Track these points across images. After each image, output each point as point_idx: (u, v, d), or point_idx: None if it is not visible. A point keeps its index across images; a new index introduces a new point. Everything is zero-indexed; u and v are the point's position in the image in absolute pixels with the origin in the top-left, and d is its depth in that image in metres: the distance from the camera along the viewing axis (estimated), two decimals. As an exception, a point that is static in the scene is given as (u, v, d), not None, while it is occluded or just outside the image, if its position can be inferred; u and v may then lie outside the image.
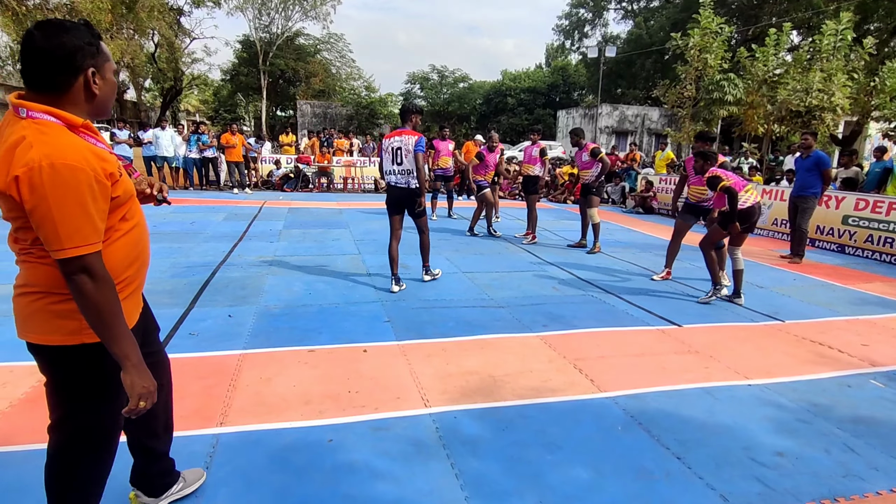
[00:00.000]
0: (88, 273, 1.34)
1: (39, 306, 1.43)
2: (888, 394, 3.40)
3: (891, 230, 7.79)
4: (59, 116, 1.34)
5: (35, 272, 1.42)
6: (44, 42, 1.31)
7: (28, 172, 1.24)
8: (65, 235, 1.29)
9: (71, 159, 1.28)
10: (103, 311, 1.37)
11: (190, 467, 2.34)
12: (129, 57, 23.80)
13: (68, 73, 1.35)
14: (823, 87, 13.33)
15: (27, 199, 1.26)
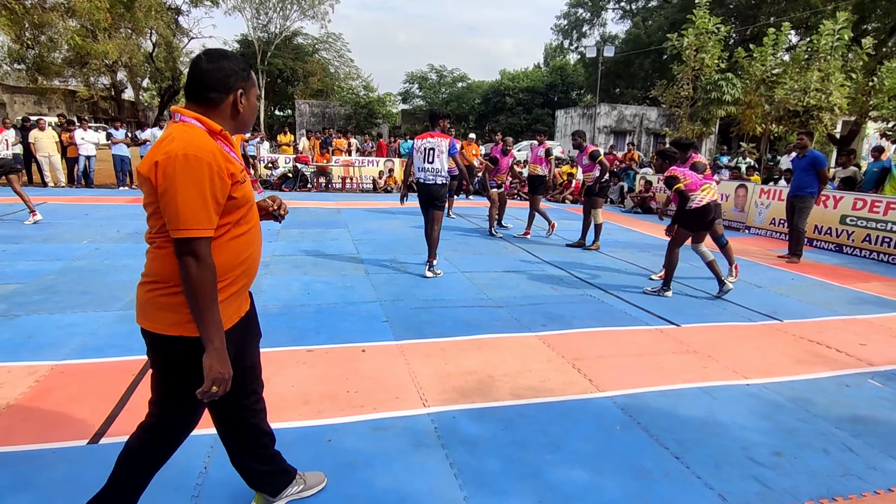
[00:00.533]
0: (194, 255, 1.49)
1: (151, 296, 1.59)
2: (886, 393, 3.40)
3: (888, 230, 7.81)
4: (203, 122, 1.58)
5: (154, 263, 1.59)
6: (207, 64, 1.59)
7: (165, 160, 1.45)
8: (183, 217, 1.46)
9: (201, 152, 1.48)
10: (199, 292, 1.51)
11: (188, 466, 2.34)
12: (127, 56, 23.77)
13: (221, 91, 1.61)
14: (821, 87, 13.36)
15: (160, 182, 1.46)
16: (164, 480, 2.25)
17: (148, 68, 29.58)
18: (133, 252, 6.29)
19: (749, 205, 10.41)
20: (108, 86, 28.79)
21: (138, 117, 32.36)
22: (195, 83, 1.60)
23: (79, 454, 2.41)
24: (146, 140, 12.96)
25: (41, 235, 7.00)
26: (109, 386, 3.04)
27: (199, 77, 1.60)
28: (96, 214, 8.93)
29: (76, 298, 4.55)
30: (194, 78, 1.60)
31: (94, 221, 8.25)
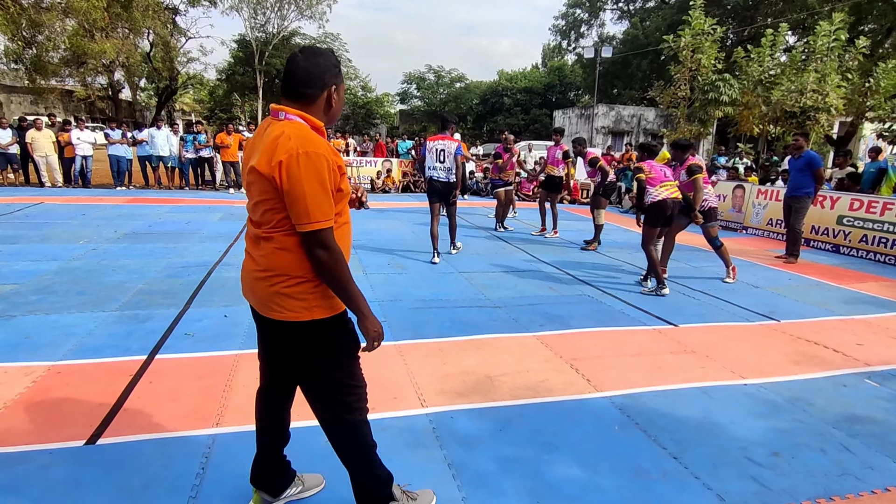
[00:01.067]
0: (324, 245, 1.61)
1: (277, 289, 1.68)
2: (883, 393, 3.41)
3: (885, 230, 7.83)
4: (306, 119, 1.67)
5: (274, 257, 1.67)
6: (304, 62, 1.66)
7: (288, 158, 1.54)
8: (311, 211, 1.57)
9: (318, 148, 1.59)
10: (338, 276, 1.65)
11: (185, 467, 2.33)
12: (125, 56, 23.73)
13: (317, 87, 1.68)
14: (818, 88, 13.39)
15: (285, 180, 1.55)
16: (161, 481, 2.25)
17: (145, 68, 29.54)
18: (130, 252, 6.28)
19: (746, 205, 10.43)
20: (106, 86, 28.72)
21: (135, 117, 32.29)
22: (293, 81, 1.67)
23: (76, 455, 2.40)
24: (143, 140, 12.91)
25: (38, 235, 6.98)
26: (106, 386, 3.03)
27: (296, 74, 1.67)
28: (93, 214, 8.90)
29: (73, 299, 4.54)
30: (292, 76, 1.67)
31: (91, 222, 8.23)
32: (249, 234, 1.76)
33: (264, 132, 1.67)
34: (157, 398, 2.94)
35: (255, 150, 1.67)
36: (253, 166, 1.61)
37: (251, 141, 1.76)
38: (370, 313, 1.75)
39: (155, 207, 10.14)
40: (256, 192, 1.65)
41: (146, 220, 8.57)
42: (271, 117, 1.70)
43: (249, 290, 1.78)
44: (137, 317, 4.19)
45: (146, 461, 2.38)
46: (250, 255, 1.76)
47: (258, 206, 1.67)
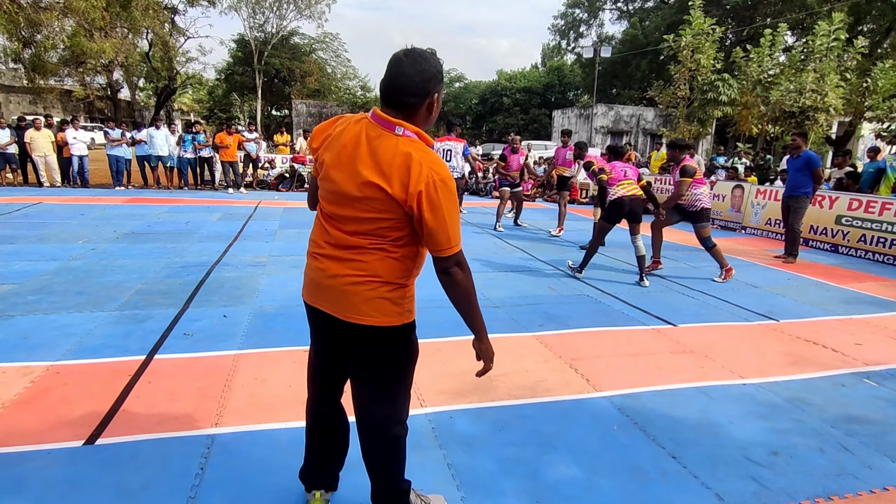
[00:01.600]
0: (460, 265, 1.64)
1: (380, 293, 1.67)
2: (882, 393, 3.42)
3: (883, 230, 7.84)
4: (421, 136, 1.63)
5: (382, 265, 1.65)
6: (410, 69, 1.58)
7: (427, 188, 1.52)
8: (452, 236, 1.59)
9: (447, 173, 1.59)
10: (470, 294, 1.70)
11: (184, 468, 2.33)
12: (123, 56, 23.71)
13: (421, 95, 1.61)
14: (816, 88, 13.40)
15: (426, 210, 1.54)
16: (159, 482, 2.25)
17: (144, 68, 29.53)
18: (129, 252, 6.27)
19: (745, 205, 10.44)
20: (104, 85, 28.69)
21: (134, 117, 32.24)
22: (397, 88, 1.60)
23: (75, 455, 2.40)
24: (142, 140, 12.89)
25: (36, 235, 6.97)
26: (105, 387, 3.03)
27: (400, 82, 1.59)
28: (92, 214, 8.90)
29: (72, 299, 4.53)
30: (396, 83, 1.60)
31: (90, 221, 8.22)
32: (338, 239, 1.68)
33: (372, 141, 1.59)
34: (155, 398, 2.94)
35: (356, 155, 1.59)
36: (381, 186, 1.54)
37: (344, 140, 1.64)
38: (487, 335, 1.81)
39: (154, 207, 10.13)
40: (374, 209, 1.59)
41: (145, 220, 8.56)
42: (379, 125, 1.60)
43: (336, 295, 1.70)
44: (136, 317, 4.19)
45: (145, 461, 2.37)
46: (340, 260, 1.68)
47: (371, 223, 1.61)
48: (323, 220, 1.74)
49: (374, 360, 1.77)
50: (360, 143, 1.60)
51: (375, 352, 1.76)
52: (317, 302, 1.76)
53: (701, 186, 6.12)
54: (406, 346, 1.80)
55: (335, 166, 1.64)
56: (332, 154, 1.66)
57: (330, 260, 1.70)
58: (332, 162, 1.66)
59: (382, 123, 1.60)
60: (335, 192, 1.65)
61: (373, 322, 1.68)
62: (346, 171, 1.62)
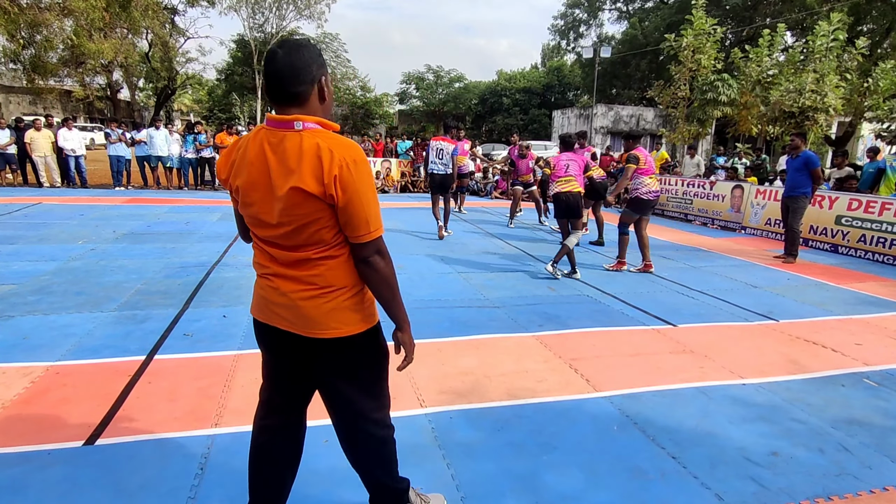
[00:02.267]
0: (381, 252, 1.57)
1: (338, 302, 1.60)
2: (882, 393, 3.42)
3: (883, 230, 7.84)
4: (324, 125, 1.54)
5: (333, 273, 1.59)
6: (287, 57, 1.50)
7: (341, 171, 1.45)
8: (371, 220, 1.52)
9: (360, 153, 1.51)
10: (392, 282, 1.62)
11: (184, 468, 2.33)
12: (123, 56, 23.70)
13: (308, 82, 1.52)
14: (816, 88, 13.40)
15: (341, 195, 1.46)
16: (159, 482, 2.25)
17: (143, 68, 29.53)
18: (129, 252, 6.27)
19: (745, 205, 10.44)
20: (104, 86, 28.69)
21: (134, 117, 32.25)
22: (282, 81, 1.50)
23: (74, 455, 2.40)
24: (142, 140, 12.89)
25: (36, 236, 6.97)
26: (105, 387, 3.03)
27: (283, 73, 1.50)
28: (91, 215, 8.90)
29: (71, 299, 4.53)
30: (279, 75, 1.50)
31: (90, 222, 8.22)
32: (283, 259, 1.59)
33: (276, 147, 1.50)
34: (155, 399, 2.94)
35: (267, 170, 1.50)
36: (298, 188, 1.45)
37: (249, 160, 1.54)
38: (409, 326, 1.74)
39: (154, 208, 10.13)
40: (301, 216, 1.49)
41: (145, 221, 8.56)
42: (276, 129, 1.51)
43: (293, 312, 1.60)
44: (136, 317, 4.19)
45: (144, 462, 2.37)
46: (290, 278, 1.60)
47: (304, 230, 1.52)
48: (262, 245, 1.64)
49: (347, 370, 1.71)
50: (264, 155, 1.51)
51: (346, 362, 1.70)
52: (271, 319, 1.65)
53: (643, 176, 6.32)
54: (375, 349, 1.75)
55: (251, 189, 1.55)
56: (243, 177, 1.56)
57: (280, 278, 1.61)
58: (246, 186, 1.56)
59: (279, 126, 1.51)
60: (259, 214, 1.55)
61: (337, 334, 1.62)
62: (262, 190, 1.52)
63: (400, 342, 1.74)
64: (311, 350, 1.65)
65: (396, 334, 1.73)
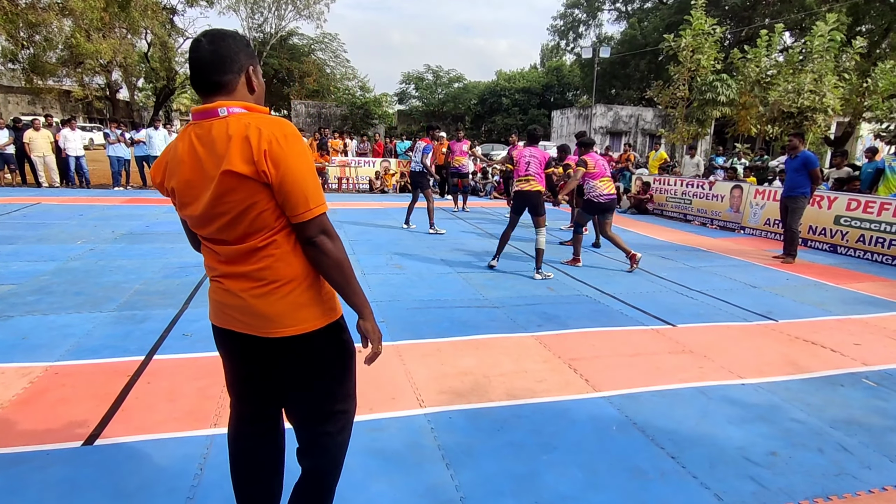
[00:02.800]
0: (326, 232, 1.46)
1: (293, 297, 1.50)
2: (881, 393, 3.42)
3: (882, 230, 7.85)
4: (250, 108, 1.46)
5: (283, 264, 1.49)
6: (212, 46, 1.44)
7: (271, 145, 1.36)
8: (310, 196, 1.41)
9: (293, 131, 1.42)
10: (343, 265, 1.49)
11: (183, 468, 2.33)
12: (122, 56, 23.67)
13: (234, 71, 1.47)
14: (814, 89, 13.42)
15: (273, 172, 1.37)
16: (158, 483, 2.25)
17: (143, 68, 29.48)
18: (128, 252, 6.26)
19: (744, 205, 10.45)
20: (103, 86, 28.67)
21: (133, 117, 32.21)
22: (206, 69, 1.44)
23: (73, 456, 2.40)
24: (141, 141, 12.88)
25: (35, 236, 6.96)
26: (104, 387, 3.03)
27: (207, 61, 1.44)
28: (90, 215, 8.89)
29: (70, 299, 4.53)
30: (203, 63, 1.44)
31: (89, 222, 8.21)
32: (229, 255, 1.50)
33: (204, 139, 1.42)
34: (154, 399, 2.93)
35: (200, 164, 1.42)
36: (228, 171, 1.36)
37: (180, 158, 1.46)
38: (371, 313, 1.61)
39: (153, 208, 10.12)
40: (238, 201, 1.40)
41: (144, 221, 8.55)
42: (201, 120, 1.44)
43: (247, 312, 1.51)
44: (135, 317, 4.19)
45: (143, 462, 2.37)
46: (239, 275, 1.50)
47: (243, 217, 1.42)
48: (208, 245, 1.55)
49: (307, 371, 1.60)
50: (194, 149, 1.43)
51: (306, 362, 1.58)
52: (228, 323, 1.56)
53: (593, 181, 6.58)
54: (338, 347, 1.63)
55: (186, 187, 1.47)
56: (177, 177, 1.48)
57: (230, 278, 1.52)
58: (180, 185, 1.48)
59: (204, 116, 1.44)
60: (199, 211, 1.46)
61: (294, 331, 1.51)
62: (197, 185, 1.44)
63: (363, 332, 1.61)
64: (270, 351, 1.56)
65: (359, 324, 1.60)
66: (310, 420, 1.67)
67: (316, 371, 1.61)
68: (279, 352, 1.55)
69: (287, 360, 1.57)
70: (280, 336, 1.51)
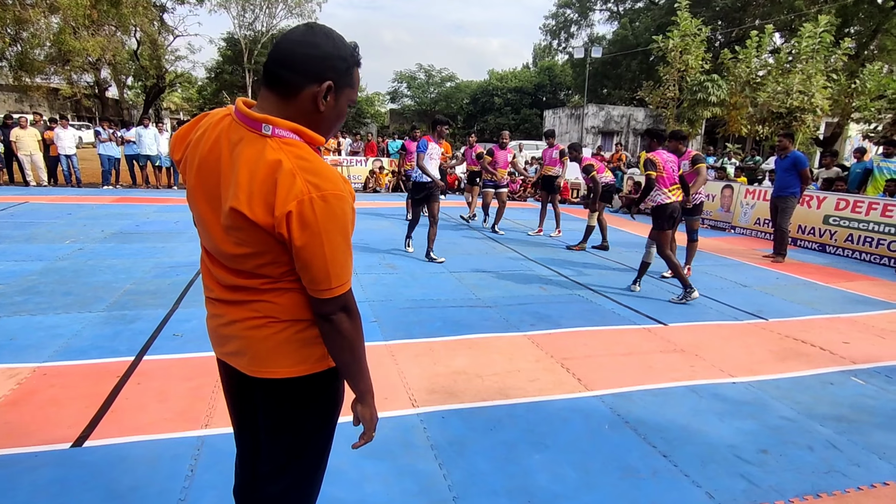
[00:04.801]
0: (347, 310, 1.25)
1: (287, 336, 1.29)
2: (869, 391, 3.45)
3: (870, 229, 7.93)
4: (302, 134, 1.19)
5: (285, 299, 1.27)
6: (301, 37, 1.20)
7: (300, 207, 1.10)
8: (334, 274, 1.18)
9: (336, 187, 1.15)
10: (357, 347, 1.29)
11: (174, 469, 2.31)
12: (111, 53, 23.45)
13: (301, 74, 1.19)
14: (803, 89, 13.54)
15: (298, 236, 1.12)
16: (149, 484, 2.23)
17: (132, 66, 29.22)
18: (117, 252, 6.21)
19: (735, 205, 10.53)
20: (92, 83, 28.39)
21: (122, 116, 31.92)
22: (275, 58, 1.20)
23: (62, 457, 2.37)
24: (131, 139, 12.77)
25: (23, 235, 6.88)
26: (93, 388, 3.00)
27: (281, 51, 1.19)
28: (79, 214, 8.80)
29: (59, 299, 4.48)
30: (279, 51, 1.19)
31: (77, 221, 8.13)
32: (225, 281, 1.30)
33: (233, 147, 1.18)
34: (145, 399, 2.91)
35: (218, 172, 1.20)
36: (235, 209, 1.13)
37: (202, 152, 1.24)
38: (373, 399, 1.42)
39: (143, 207, 10.04)
40: (241, 243, 1.19)
41: (134, 220, 8.48)
42: (242, 124, 1.19)
43: (238, 345, 1.32)
44: (125, 317, 4.15)
45: (134, 463, 2.35)
46: (234, 303, 1.31)
47: (246, 259, 1.22)
48: (206, 258, 1.35)
49: (281, 423, 1.37)
50: (219, 152, 1.20)
51: (284, 413, 1.36)
52: (222, 354, 1.40)
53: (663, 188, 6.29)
54: (326, 401, 1.40)
55: (198, 189, 1.25)
56: (193, 171, 1.26)
57: (224, 304, 1.33)
58: (194, 183, 1.26)
59: (246, 122, 1.18)
60: (202, 223, 1.28)
61: (282, 374, 1.30)
62: (208, 195, 1.23)
63: (360, 416, 1.40)
64: (257, 393, 1.37)
65: (356, 406, 1.40)
66: (283, 475, 1.43)
67: (288, 424, 1.38)
68: (263, 393, 1.36)
69: (267, 404, 1.37)
70: (266, 377, 1.31)
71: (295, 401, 1.35)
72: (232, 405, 1.55)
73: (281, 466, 1.40)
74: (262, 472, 1.44)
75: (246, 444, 1.55)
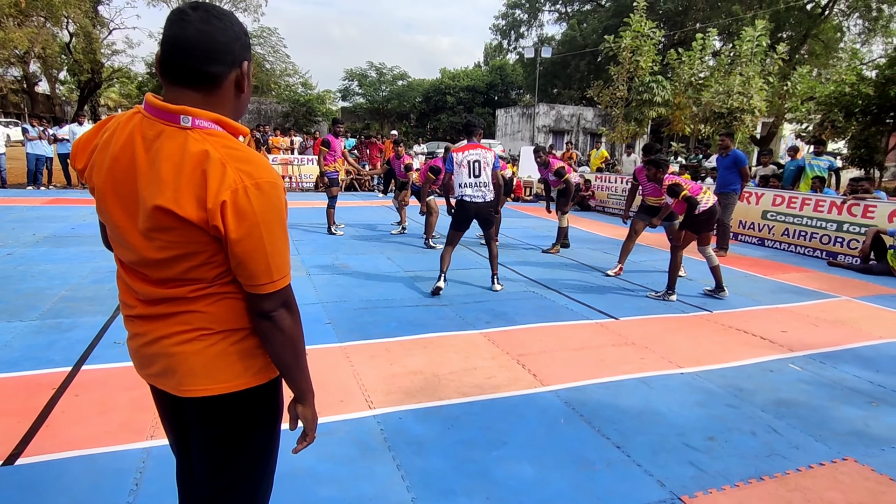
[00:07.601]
0: (287, 306, 1.18)
1: (223, 348, 1.19)
2: (805, 376, 3.64)
3: (804, 224, 8.38)
4: (224, 125, 1.13)
5: (219, 307, 1.18)
6: (203, 25, 1.09)
7: (234, 197, 1.03)
8: (275, 266, 1.12)
9: (269, 174, 1.09)
10: (299, 345, 1.23)
11: (117, 484, 2.19)
12: (40, 46, 22.11)
13: (226, 63, 1.12)
14: (742, 91, 14.18)
15: (234, 228, 1.05)
16: (90, 501, 2.11)
17: (65, 60, 27.67)
18: (50, 257, 5.86)
19: (679, 201, 10.90)
20: (20, 77, 26.71)
21: (55, 112, 30.17)
22: (189, 52, 1.08)
23: (-9, 478, 2.21)
24: (65, 137, 12.08)
25: (-56, 240, 6.40)
26: (26, 402, 2.81)
27: (193, 43, 1.08)
28: (8, 217, 8.26)
29: (-14, 308, 4.19)
30: (188, 45, 1.08)
31: (6, 224, 7.63)
32: (148, 295, 1.19)
33: (150, 144, 1.08)
34: (83, 412, 2.75)
35: (134, 172, 1.09)
36: (166, 209, 1.04)
37: (112, 153, 1.12)
38: (313, 399, 1.34)
39: (78, 208, 9.53)
40: (168, 243, 1.09)
41: (69, 222, 8.03)
42: (156, 118, 1.09)
43: (165, 364, 1.20)
44: (60, 325, 3.92)
45: (73, 480, 2.22)
46: (158, 318, 1.19)
47: (174, 263, 1.11)
48: (122, 272, 1.25)
49: (222, 444, 1.26)
50: (133, 152, 1.10)
51: (224, 433, 1.25)
52: (147, 376, 1.29)
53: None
54: (269, 415, 1.31)
55: (109, 193, 1.14)
56: (102, 175, 1.14)
57: (146, 321, 1.22)
58: (102, 187, 1.15)
59: (160, 115, 1.09)
60: (117, 232, 1.17)
61: (219, 390, 1.19)
62: (122, 200, 1.13)
63: (301, 417, 1.32)
64: (190, 415, 1.26)
65: (295, 407, 1.31)
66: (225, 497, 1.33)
67: (227, 445, 1.27)
68: (196, 414, 1.25)
69: (201, 425, 1.26)
70: (199, 396, 1.20)
71: (236, 419, 1.24)
72: (169, 428, 1.44)
73: (223, 489, 1.30)
74: (203, 495, 1.32)
75: (186, 468, 1.44)
